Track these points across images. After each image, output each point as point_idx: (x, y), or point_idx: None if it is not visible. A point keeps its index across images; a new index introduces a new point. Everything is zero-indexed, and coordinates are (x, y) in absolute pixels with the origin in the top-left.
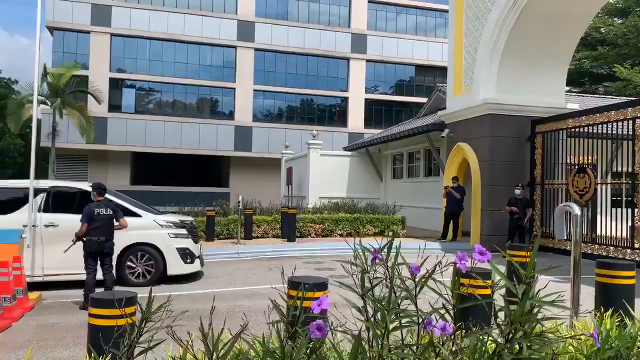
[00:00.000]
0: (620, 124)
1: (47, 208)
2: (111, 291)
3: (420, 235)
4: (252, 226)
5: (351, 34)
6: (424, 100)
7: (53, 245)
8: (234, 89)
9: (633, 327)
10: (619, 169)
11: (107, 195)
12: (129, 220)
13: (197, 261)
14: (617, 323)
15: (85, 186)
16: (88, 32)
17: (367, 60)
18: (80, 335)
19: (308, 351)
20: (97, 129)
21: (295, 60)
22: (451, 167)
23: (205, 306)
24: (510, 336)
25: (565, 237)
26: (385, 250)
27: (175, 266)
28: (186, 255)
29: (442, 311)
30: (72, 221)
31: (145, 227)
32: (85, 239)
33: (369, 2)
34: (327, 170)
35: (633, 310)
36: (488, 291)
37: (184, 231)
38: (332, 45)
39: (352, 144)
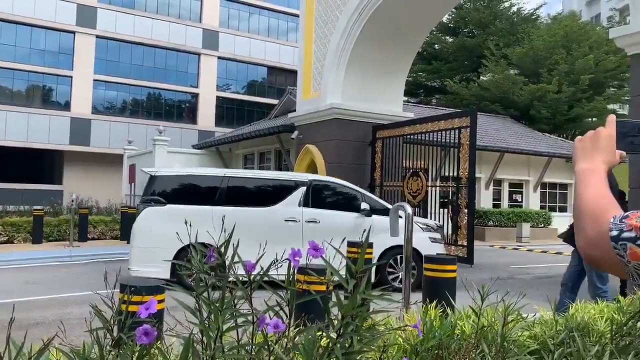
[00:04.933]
0: (448, 132)
1: (306, 202)
2: None
3: None
4: (88, 227)
5: (202, 29)
6: (275, 101)
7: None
8: (71, 77)
9: (453, 316)
10: (447, 173)
11: (363, 191)
12: (388, 221)
13: None
14: (441, 313)
15: (343, 181)
16: None
17: (219, 57)
18: None
19: (135, 359)
20: None
21: (142, 52)
22: (300, 168)
23: (27, 315)
24: (342, 330)
25: (399, 235)
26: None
27: None
28: None
29: (277, 308)
30: (332, 217)
31: None
32: None
33: None
34: None
35: (454, 302)
36: (324, 287)
37: (438, 235)
38: (183, 39)
39: (202, 142)
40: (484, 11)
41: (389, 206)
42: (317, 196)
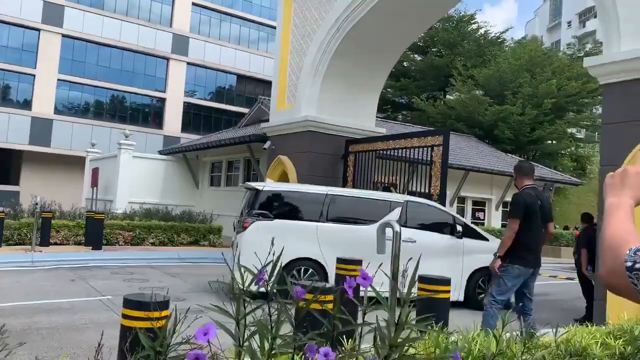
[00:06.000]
0: (421, 150)
1: (402, 222)
2: None
3: None
4: (51, 231)
5: (172, 33)
6: (244, 110)
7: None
8: (34, 75)
9: (461, 339)
10: (418, 189)
11: (454, 214)
12: (476, 243)
13: None
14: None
15: (435, 203)
16: None
17: (188, 63)
18: None
19: None
20: None
21: (110, 53)
22: (271, 178)
23: None
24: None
25: (385, 252)
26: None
27: None
28: None
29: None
30: (427, 238)
31: (492, 250)
32: None
33: (193, 4)
34: (139, 174)
35: (448, 323)
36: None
37: None
38: (152, 43)
39: (168, 147)
40: (452, 32)
41: (479, 230)
42: (412, 216)
